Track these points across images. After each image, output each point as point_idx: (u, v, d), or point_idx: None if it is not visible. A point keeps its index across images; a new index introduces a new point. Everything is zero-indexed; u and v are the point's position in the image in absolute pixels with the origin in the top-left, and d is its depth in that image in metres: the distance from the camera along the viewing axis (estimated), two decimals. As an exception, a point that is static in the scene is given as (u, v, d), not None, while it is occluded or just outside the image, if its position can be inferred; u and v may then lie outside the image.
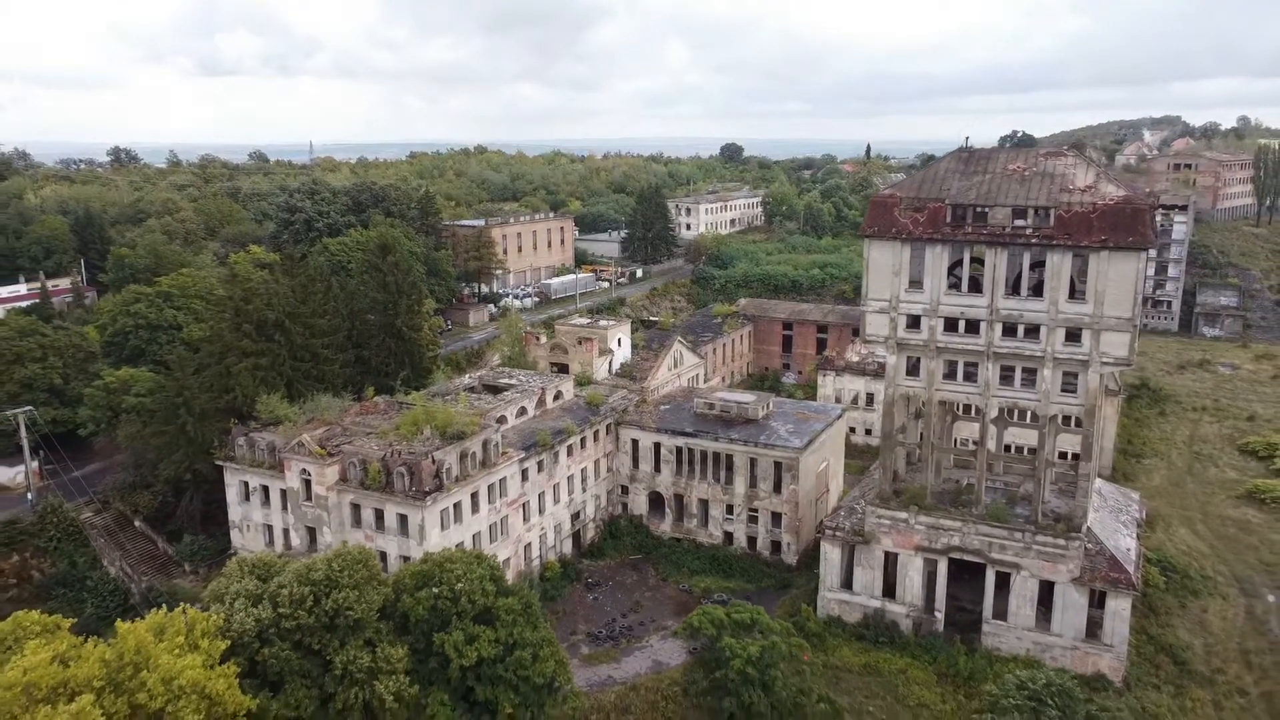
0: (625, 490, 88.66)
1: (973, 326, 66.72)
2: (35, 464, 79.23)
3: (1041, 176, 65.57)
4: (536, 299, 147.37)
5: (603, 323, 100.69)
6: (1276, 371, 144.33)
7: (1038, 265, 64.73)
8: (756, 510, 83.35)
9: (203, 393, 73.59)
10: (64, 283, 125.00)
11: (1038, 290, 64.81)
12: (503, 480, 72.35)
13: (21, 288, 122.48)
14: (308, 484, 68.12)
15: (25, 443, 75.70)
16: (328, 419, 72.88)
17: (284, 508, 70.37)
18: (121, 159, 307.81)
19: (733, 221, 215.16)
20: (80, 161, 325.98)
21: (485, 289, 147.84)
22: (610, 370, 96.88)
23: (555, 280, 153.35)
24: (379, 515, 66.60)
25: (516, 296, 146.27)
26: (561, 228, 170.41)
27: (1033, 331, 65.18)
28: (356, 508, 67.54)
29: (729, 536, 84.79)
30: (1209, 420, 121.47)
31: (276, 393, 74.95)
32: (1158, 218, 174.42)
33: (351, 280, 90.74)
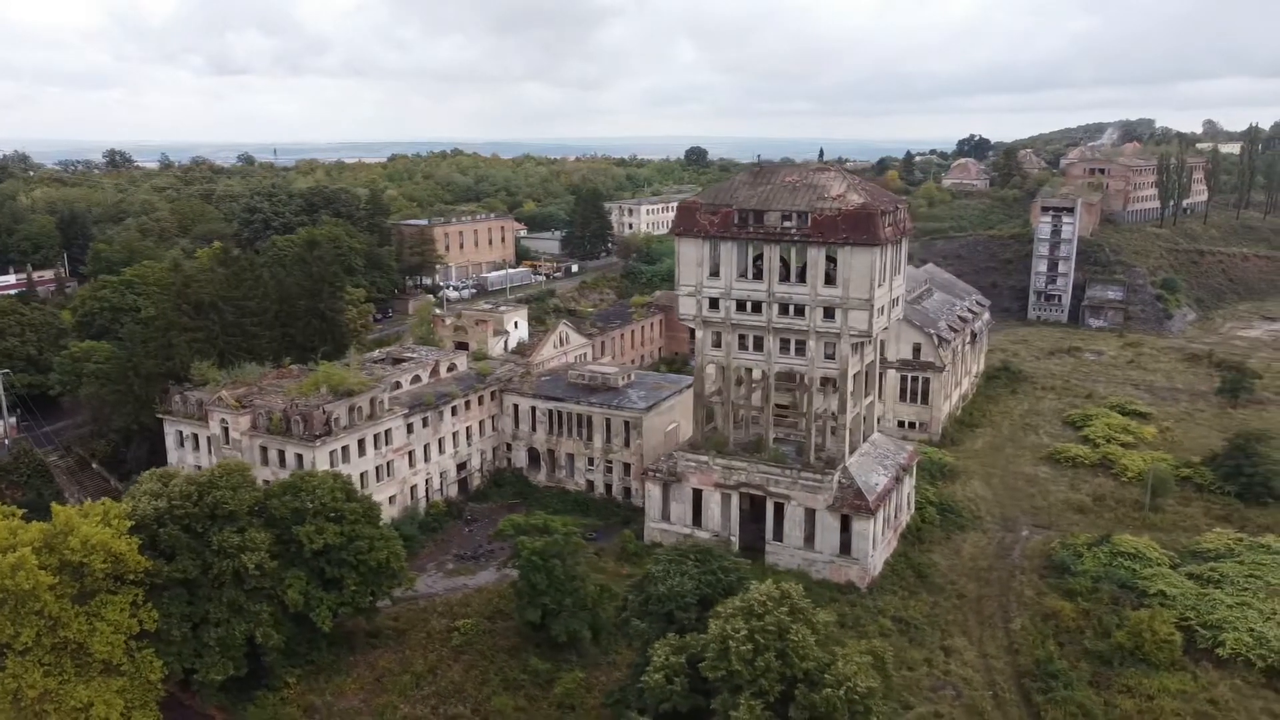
0: (509, 447, 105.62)
1: (757, 307, 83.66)
2: (13, 420, 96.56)
3: (807, 187, 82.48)
4: (474, 291, 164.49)
5: (502, 308, 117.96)
6: (1134, 357, 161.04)
7: (804, 258, 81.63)
8: (611, 462, 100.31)
9: (148, 359, 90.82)
10: (49, 274, 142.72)
11: (803, 277, 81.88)
12: (388, 431, 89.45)
13: (11, 278, 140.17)
14: (226, 431, 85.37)
15: (2, 399, 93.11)
16: (248, 381, 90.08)
17: (209, 451, 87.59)
18: (116, 160, 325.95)
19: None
20: (78, 163, 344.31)
21: (428, 281, 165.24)
22: (506, 348, 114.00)
23: (493, 274, 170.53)
24: (281, 455, 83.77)
25: (455, 289, 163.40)
26: (503, 227, 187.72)
27: (800, 310, 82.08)
28: (264, 449, 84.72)
29: (590, 484, 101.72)
30: (1052, 397, 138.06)
31: (209, 361, 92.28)
32: (1049, 219, 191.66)
33: (282, 270, 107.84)
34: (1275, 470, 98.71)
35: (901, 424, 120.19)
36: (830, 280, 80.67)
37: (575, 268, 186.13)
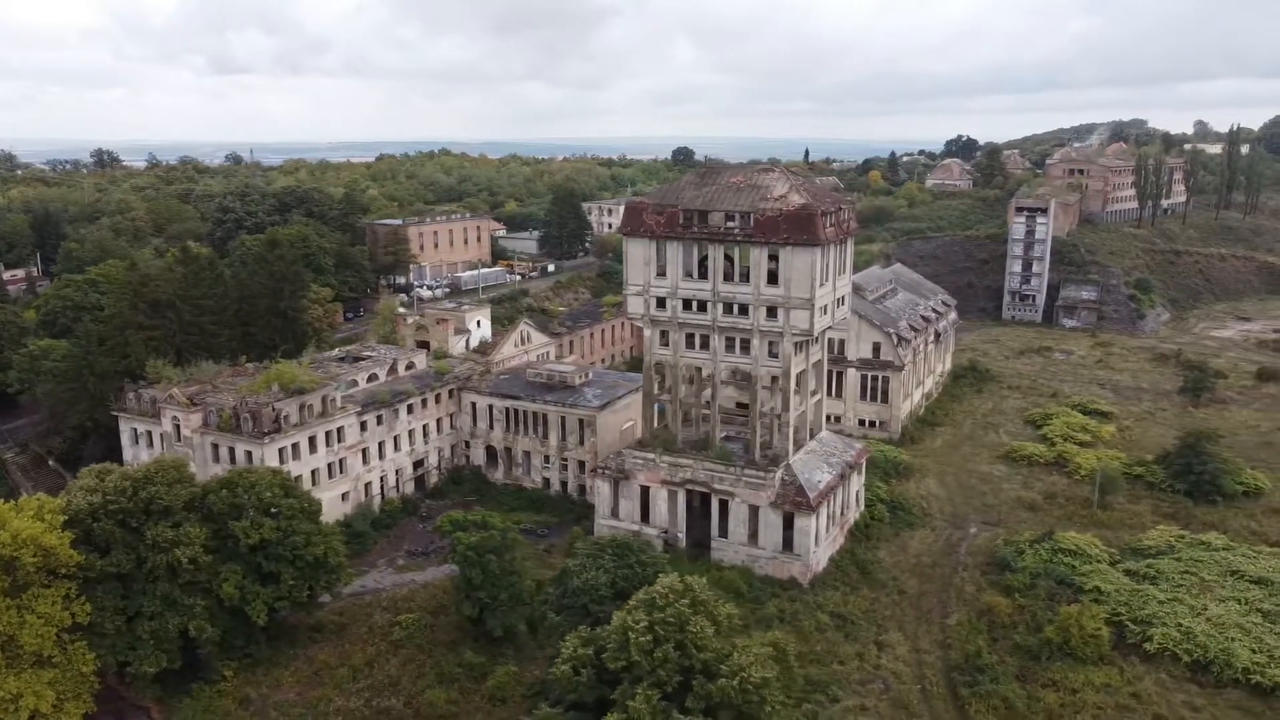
0: (468, 445, 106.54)
1: (703, 306, 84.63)
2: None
3: (751, 188, 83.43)
4: (448, 290, 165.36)
5: (464, 306, 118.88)
6: (1102, 357, 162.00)
7: (747, 258, 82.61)
8: (566, 459, 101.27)
9: (104, 357, 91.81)
10: (20, 273, 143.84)
11: (746, 277, 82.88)
12: (340, 428, 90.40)
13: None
14: (178, 428, 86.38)
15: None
16: (202, 379, 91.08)
17: (163, 448, 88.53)
18: (104, 160, 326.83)
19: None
20: (67, 162, 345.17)
21: (401, 280, 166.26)
22: (468, 346, 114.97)
23: (466, 274, 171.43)
24: (231, 452, 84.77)
25: (429, 288, 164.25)
26: (478, 226, 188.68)
27: (744, 309, 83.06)
28: (215, 446, 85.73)
29: (546, 481, 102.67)
30: (1017, 396, 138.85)
31: (166, 359, 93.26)
32: (1024, 219, 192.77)
33: (244, 269, 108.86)
34: (1223, 469, 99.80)
35: (862, 422, 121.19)
36: (773, 280, 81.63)
37: (551, 267, 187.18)
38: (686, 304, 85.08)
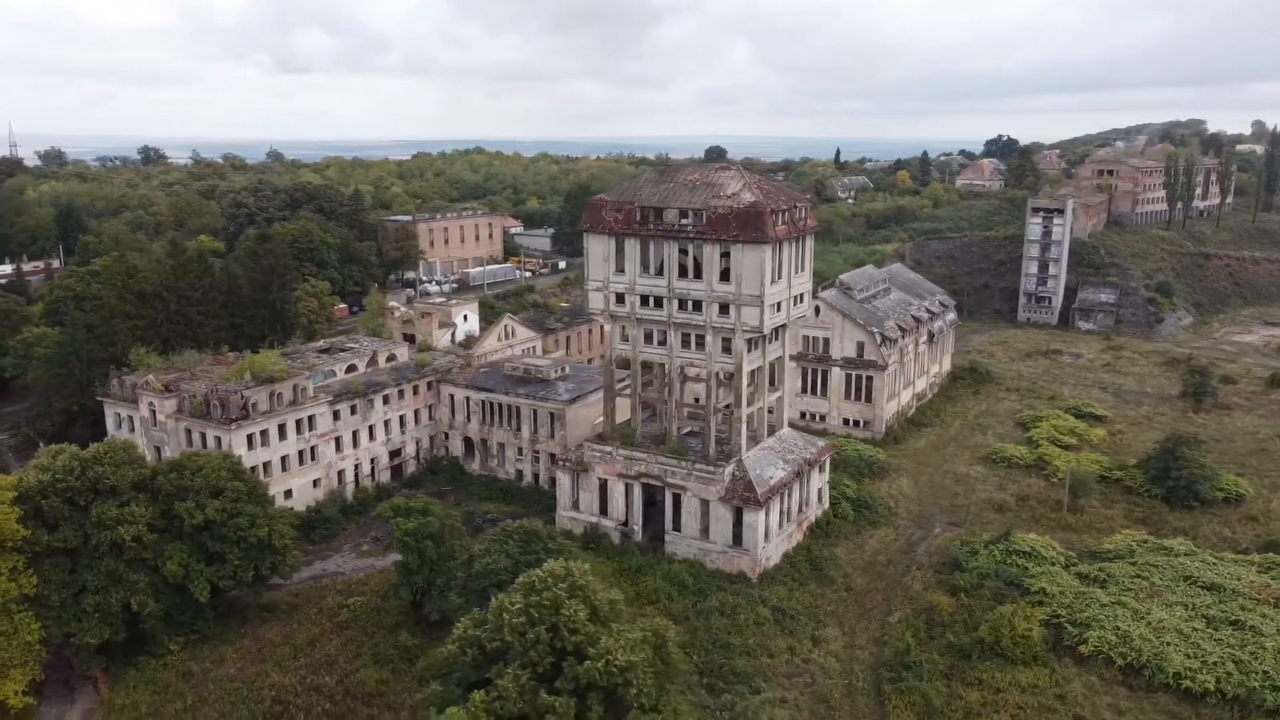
0: (446, 436, 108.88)
1: (659, 302, 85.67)
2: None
3: (705, 186, 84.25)
4: (455, 286, 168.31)
5: (452, 301, 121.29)
6: (1109, 360, 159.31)
7: (701, 255, 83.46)
8: (538, 451, 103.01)
9: (91, 345, 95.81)
10: (40, 265, 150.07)
11: (700, 274, 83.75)
12: (311, 417, 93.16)
13: (7, 268, 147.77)
14: (154, 413, 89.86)
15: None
16: (180, 367, 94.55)
17: (142, 432, 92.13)
18: (151, 156, 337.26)
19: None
20: (116, 159, 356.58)
21: (410, 275, 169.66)
22: (453, 340, 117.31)
23: (475, 270, 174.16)
24: (203, 437, 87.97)
25: (437, 284, 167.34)
26: (490, 224, 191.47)
27: (698, 306, 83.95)
28: (189, 431, 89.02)
29: (519, 473, 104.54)
30: (1014, 399, 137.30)
31: (151, 347, 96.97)
32: (1040, 219, 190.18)
33: (236, 262, 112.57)
34: (1200, 474, 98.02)
35: (846, 421, 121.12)
36: (725, 277, 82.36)
37: (563, 264, 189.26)
38: (644, 300, 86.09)
